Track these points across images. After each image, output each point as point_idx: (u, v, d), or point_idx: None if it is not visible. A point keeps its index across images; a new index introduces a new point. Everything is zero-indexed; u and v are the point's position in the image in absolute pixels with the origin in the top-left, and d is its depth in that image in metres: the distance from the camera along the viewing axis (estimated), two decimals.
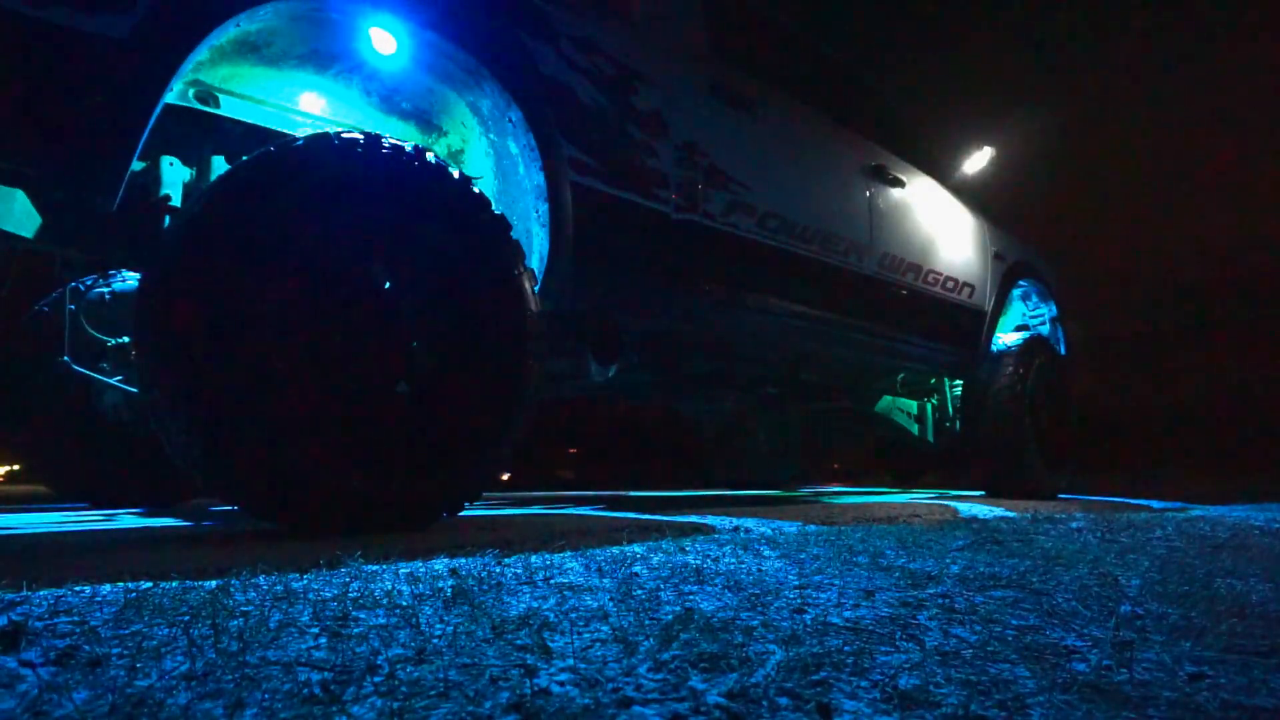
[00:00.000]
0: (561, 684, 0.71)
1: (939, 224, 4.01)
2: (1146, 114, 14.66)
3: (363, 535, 1.73)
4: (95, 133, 1.52)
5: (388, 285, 1.95)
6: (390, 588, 1.13)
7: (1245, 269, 14.26)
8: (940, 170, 4.16)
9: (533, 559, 1.47)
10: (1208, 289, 14.63)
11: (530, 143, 2.24)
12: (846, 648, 0.86)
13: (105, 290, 3.13)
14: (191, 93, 2.05)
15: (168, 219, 2.01)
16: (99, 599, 1.02)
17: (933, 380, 4.74)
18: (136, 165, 1.90)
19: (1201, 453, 11.29)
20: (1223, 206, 14.19)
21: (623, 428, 8.10)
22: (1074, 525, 2.39)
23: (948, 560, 1.56)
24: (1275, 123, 13.61)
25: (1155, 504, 3.85)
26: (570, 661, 0.78)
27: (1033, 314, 5.09)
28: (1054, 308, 5.07)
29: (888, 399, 4.66)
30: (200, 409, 1.58)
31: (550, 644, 0.84)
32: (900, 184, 3.73)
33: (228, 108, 2.12)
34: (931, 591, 1.21)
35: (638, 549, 1.66)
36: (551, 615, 0.97)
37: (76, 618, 0.91)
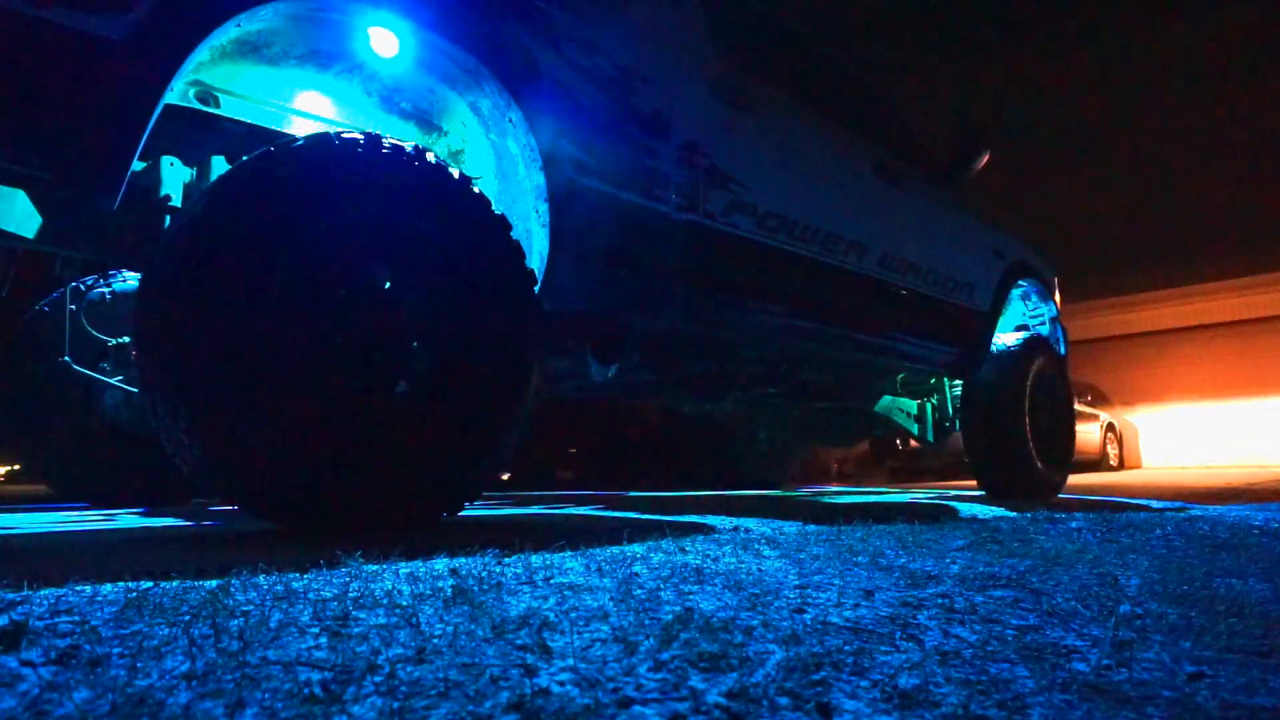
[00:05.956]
0: (561, 684, 0.71)
1: (938, 224, 4.01)
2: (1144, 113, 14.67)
3: (363, 535, 1.73)
4: (96, 133, 1.52)
5: (388, 285, 1.95)
6: (390, 588, 1.13)
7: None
8: (940, 170, 4.16)
9: (533, 559, 1.47)
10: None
11: (530, 143, 2.23)
12: (846, 647, 0.86)
13: (105, 290, 3.13)
14: (192, 93, 2.05)
15: (168, 219, 2.01)
16: (100, 598, 1.02)
17: (933, 380, 4.73)
18: (137, 165, 1.89)
19: None
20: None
21: (623, 428, 8.08)
22: (1074, 525, 2.39)
23: (947, 560, 1.56)
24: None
25: (1155, 504, 3.85)
26: (570, 661, 0.78)
27: (1033, 314, 5.08)
28: (1054, 308, 5.06)
29: (888, 399, 4.66)
30: (200, 409, 1.58)
31: (550, 644, 0.84)
32: (900, 184, 3.73)
33: (228, 108, 2.12)
34: (931, 591, 1.21)
35: (638, 549, 1.66)
36: (551, 615, 0.97)
37: (77, 617, 0.91)
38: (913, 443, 5.73)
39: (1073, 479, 5.22)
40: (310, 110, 2.29)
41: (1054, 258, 5.31)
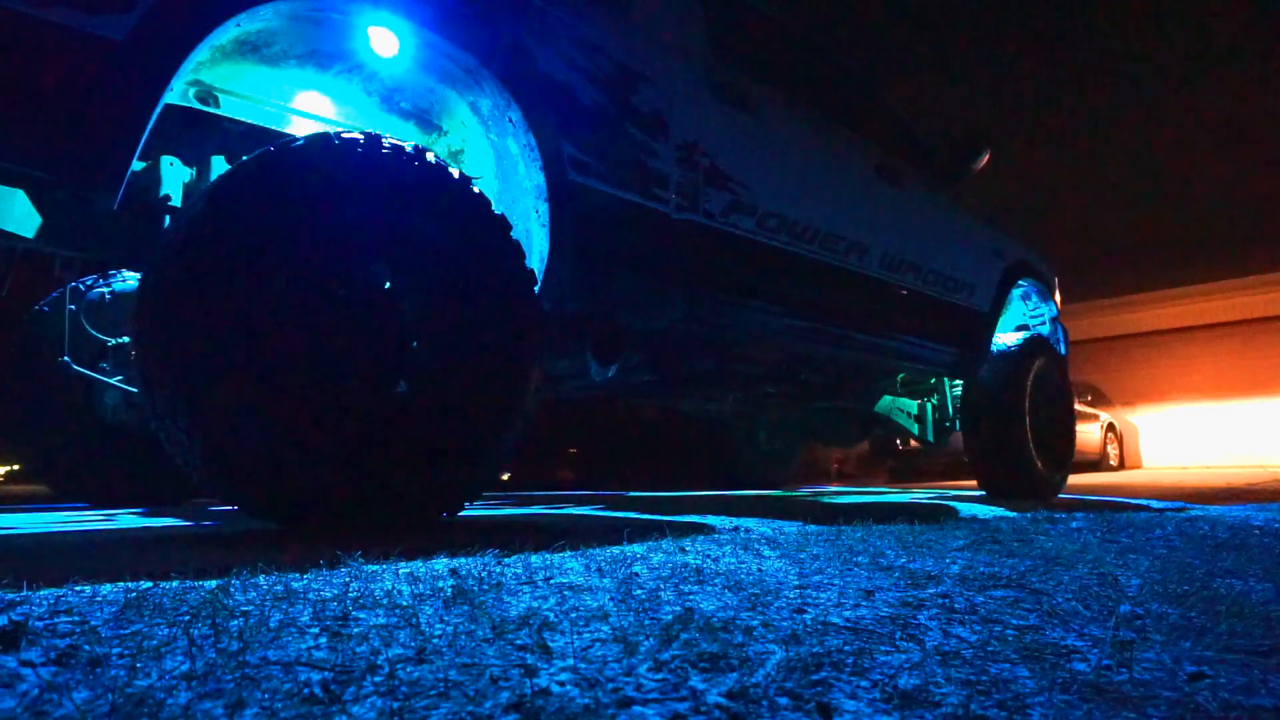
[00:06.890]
0: (561, 684, 0.71)
1: (938, 224, 4.01)
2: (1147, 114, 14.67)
3: (363, 535, 1.73)
4: (96, 133, 1.52)
5: (388, 285, 1.95)
6: (390, 588, 1.13)
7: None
8: (940, 170, 4.16)
9: (533, 559, 1.47)
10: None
11: (530, 143, 2.23)
12: (846, 647, 0.86)
13: (105, 290, 3.13)
14: (192, 93, 2.05)
15: (168, 219, 2.01)
16: (99, 599, 1.02)
17: (933, 380, 4.73)
18: (137, 165, 1.89)
19: None
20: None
21: (623, 428, 8.09)
22: (1074, 525, 2.39)
23: (948, 560, 1.56)
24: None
25: (1155, 504, 3.85)
26: (570, 661, 0.78)
27: (1033, 314, 5.08)
28: (1054, 308, 5.07)
29: (888, 399, 4.66)
30: (200, 409, 1.58)
31: (550, 644, 0.84)
32: (900, 184, 3.72)
33: (228, 108, 2.12)
34: (931, 591, 1.21)
35: (638, 549, 1.66)
36: (551, 615, 0.97)
37: (77, 617, 0.91)
38: (913, 443, 5.72)
39: (1073, 479, 5.22)
40: (310, 110, 2.29)
41: (1054, 258, 5.31)
